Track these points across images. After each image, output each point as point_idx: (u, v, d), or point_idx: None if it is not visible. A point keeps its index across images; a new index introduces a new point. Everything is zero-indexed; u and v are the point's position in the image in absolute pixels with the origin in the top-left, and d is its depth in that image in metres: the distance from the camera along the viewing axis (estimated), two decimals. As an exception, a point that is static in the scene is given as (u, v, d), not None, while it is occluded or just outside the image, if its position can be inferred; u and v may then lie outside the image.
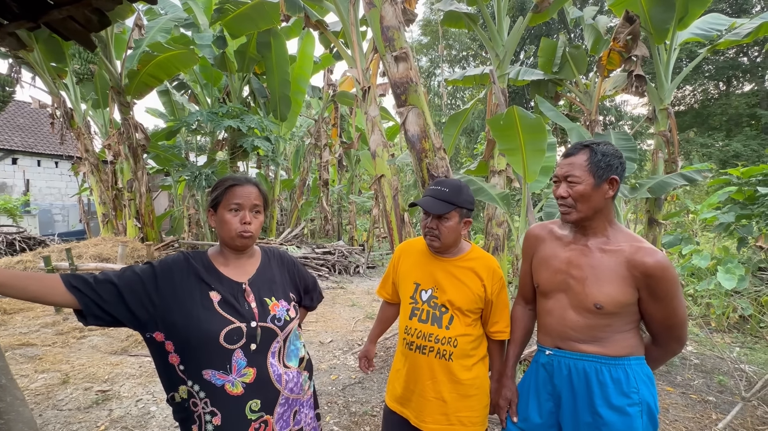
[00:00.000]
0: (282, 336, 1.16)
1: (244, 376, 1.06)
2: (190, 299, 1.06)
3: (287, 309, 1.19)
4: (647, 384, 1.15)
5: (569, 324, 1.21)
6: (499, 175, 4.06)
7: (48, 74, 7.70)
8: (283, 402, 1.13)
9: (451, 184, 1.40)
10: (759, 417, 2.73)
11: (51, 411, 2.70)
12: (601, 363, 1.16)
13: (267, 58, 8.38)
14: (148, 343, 1.08)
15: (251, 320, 1.09)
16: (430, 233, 1.39)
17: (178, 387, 1.07)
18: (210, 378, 1.04)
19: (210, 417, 1.04)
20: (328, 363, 3.65)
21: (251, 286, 1.15)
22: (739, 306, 4.57)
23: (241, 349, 1.06)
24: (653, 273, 1.10)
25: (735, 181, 5.89)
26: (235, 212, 1.11)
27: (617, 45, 4.34)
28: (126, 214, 8.51)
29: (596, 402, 1.15)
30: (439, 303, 1.41)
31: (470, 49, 17.60)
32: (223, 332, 1.04)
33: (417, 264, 1.49)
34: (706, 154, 13.55)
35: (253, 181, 1.18)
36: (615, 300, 1.13)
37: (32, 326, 4.63)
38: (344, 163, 12.60)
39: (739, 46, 14.20)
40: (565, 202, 1.20)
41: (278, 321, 1.15)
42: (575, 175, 1.18)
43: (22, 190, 13.66)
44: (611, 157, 1.17)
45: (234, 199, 1.11)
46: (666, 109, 4.67)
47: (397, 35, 2.83)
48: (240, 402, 1.05)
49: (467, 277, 1.40)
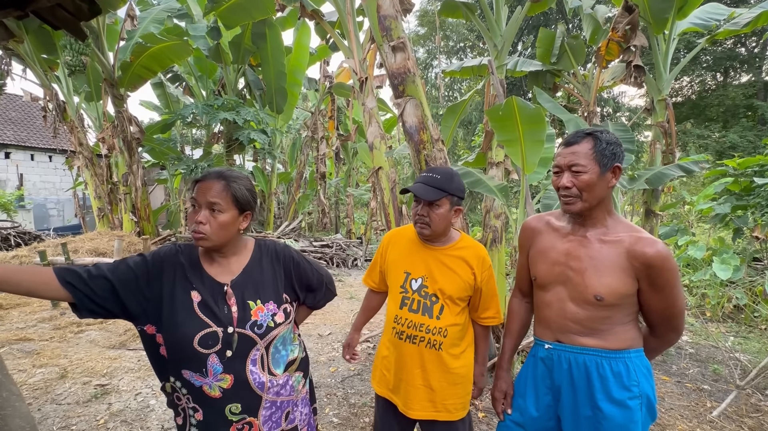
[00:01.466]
0: (263, 343, 1.09)
1: (221, 381, 1.04)
2: (174, 298, 1.05)
3: (273, 313, 1.12)
4: (647, 376, 1.15)
5: (569, 316, 1.19)
6: (497, 167, 4.04)
7: (39, 66, 7.57)
8: (268, 406, 1.10)
9: (443, 172, 1.40)
10: (753, 404, 2.77)
11: (50, 406, 2.70)
12: (602, 356, 1.16)
13: (262, 49, 8.26)
14: (141, 335, 1.08)
15: (228, 325, 1.04)
16: (421, 220, 1.38)
17: (167, 379, 1.09)
18: (189, 378, 1.04)
19: (193, 412, 1.06)
20: (326, 356, 3.66)
21: (234, 288, 1.09)
22: (734, 297, 4.62)
23: (216, 354, 1.02)
24: (654, 263, 1.08)
25: (731, 172, 5.91)
26: (194, 210, 1.06)
27: (616, 35, 4.30)
28: (122, 208, 8.44)
29: (597, 396, 1.15)
30: (429, 293, 1.41)
31: (468, 40, 17.44)
32: (197, 336, 1.01)
33: (407, 253, 1.47)
34: (702, 146, 13.56)
35: (224, 175, 1.08)
36: (615, 291, 1.12)
37: (29, 321, 4.61)
38: (341, 156, 12.53)
39: (737, 37, 14.16)
40: (569, 192, 1.16)
41: (258, 328, 1.08)
42: (580, 163, 1.14)
43: (15, 185, 13.52)
44: (615, 146, 1.15)
45: (198, 195, 1.05)
46: (664, 99, 4.65)
47: (394, 25, 2.78)
48: (218, 403, 1.04)
49: (457, 266, 1.41)
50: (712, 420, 2.57)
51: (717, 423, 2.53)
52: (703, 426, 2.51)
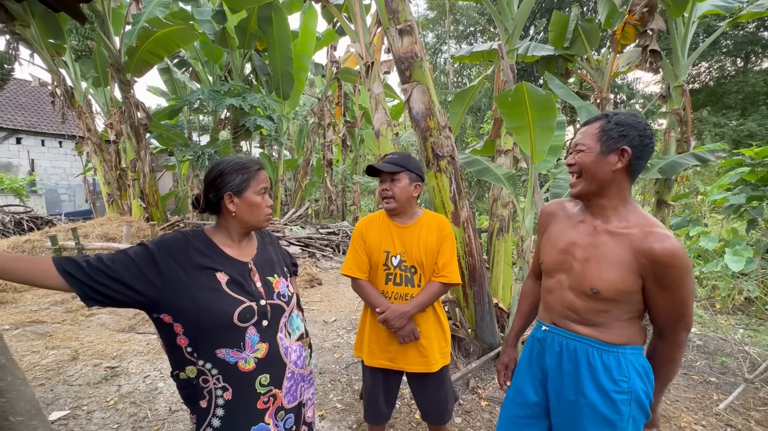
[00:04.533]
0: (288, 310, 1.21)
1: (256, 352, 1.10)
2: (196, 283, 1.05)
3: (287, 284, 1.25)
4: (641, 374, 1.11)
5: (567, 304, 1.18)
6: (505, 155, 3.96)
7: (46, 51, 7.56)
8: (289, 376, 1.17)
9: (401, 154, 1.68)
10: (761, 398, 2.74)
11: (62, 386, 2.77)
12: (594, 347, 1.13)
13: (268, 33, 8.14)
14: (156, 323, 1.08)
15: (260, 299, 1.13)
16: (385, 194, 1.63)
17: (185, 367, 1.08)
18: (224, 356, 1.06)
19: (222, 392, 1.07)
20: (332, 342, 3.70)
21: (255, 266, 1.18)
22: (745, 289, 4.53)
23: (254, 326, 1.10)
24: (660, 260, 1.02)
25: (748, 161, 5.73)
26: (262, 196, 1.16)
27: (632, 18, 4.14)
28: (131, 194, 8.52)
29: (583, 383, 1.13)
30: (408, 266, 1.65)
31: (478, 24, 16.99)
32: (236, 312, 1.06)
33: (382, 235, 1.68)
34: (719, 134, 13.18)
35: (261, 162, 1.22)
36: (613, 286, 1.08)
37: (42, 304, 4.72)
38: (348, 143, 12.44)
39: (761, 20, 13.57)
40: (572, 170, 1.16)
41: (283, 297, 1.19)
42: (583, 142, 1.13)
43: (27, 170, 13.71)
44: (628, 127, 1.08)
45: (262, 182, 1.16)
46: (681, 86, 4.50)
47: (401, 7, 2.70)
48: (251, 377, 1.09)
49: (425, 235, 1.65)
50: (718, 413, 2.54)
51: (723, 416, 2.51)
52: (709, 418, 2.49)
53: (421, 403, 1.78)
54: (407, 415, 2.49)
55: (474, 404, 2.61)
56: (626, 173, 1.11)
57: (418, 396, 1.77)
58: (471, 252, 2.85)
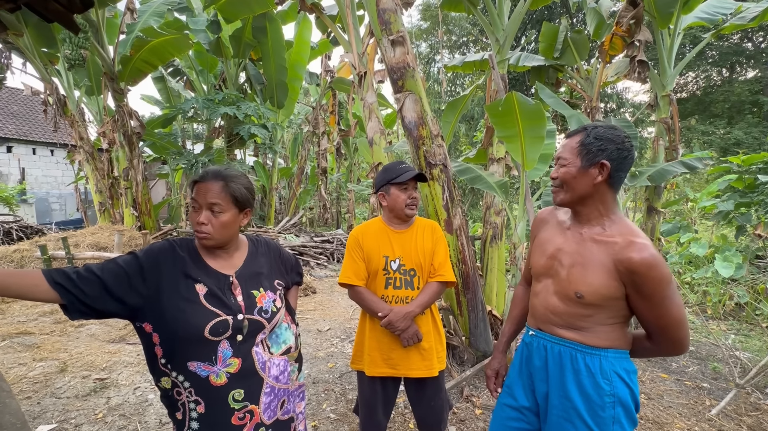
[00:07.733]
0: (269, 327, 1.16)
1: (229, 366, 1.06)
2: (176, 292, 1.05)
3: (274, 299, 1.19)
4: (624, 377, 1.13)
5: (551, 309, 1.21)
6: (497, 163, 4.01)
7: (39, 60, 7.53)
8: (268, 391, 1.13)
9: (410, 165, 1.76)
10: (752, 403, 2.76)
11: (49, 399, 2.71)
12: (577, 350, 1.15)
13: (263, 43, 8.20)
14: (139, 332, 1.08)
15: (238, 313, 1.09)
16: (415, 202, 1.69)
17: (160, 377, 1.08)
18: (195, 370, 1.05)
19: (194, 406, 1.06)
20: (325, 351, 3.67)
21: (238, 279, 1.14)
22: (736, 294, 4.59)
23: (227, 340, 1.07)
24: (638, 270, 1.04)
25: (735, 168, 5.85)
26: (195, 210, 1.09)
27: (620, 29, 4.23)
28: (123, 203, 8.44)
29: (568, 386, 1.15)
30: (407, 269, 1.68)
31: (471, 35, 17.27)
32: (208, 325, 1.04)
33: (380, 241, 1.71)
34: (707, 142, 13.44)
35: (222, 175, 1.10)
36: (597, 291, 1.10)
37: (30, 315, 4.63)
38: (342, 151, 12.49)
39: (744, 32, 13.97)
40: (554, 183, 1.21)
41: (265, 313, 1.14)
42: (564, 156, 1.17)
43: (17, 179, 13.55)
44: (606, 141, 1.11)
45: (195, 195, 1.09)
46: (668, 95, 4.59)
47: (393, 18, 2.75)
48: (222, 391, 1.06)
49: (420, 239, 1.71)
50: (710, 419, 2.56)
51: (716, 422, 2.52)
52: (702, 424, 2.50)
53: (418, 412, 1.76)
54: (401, 424, 2.47)
55: (468, 412, 2.59)
56: (607, 185, 1.14)
57: (416, 403, 1.76)
58: (464, 259, 2.86)
